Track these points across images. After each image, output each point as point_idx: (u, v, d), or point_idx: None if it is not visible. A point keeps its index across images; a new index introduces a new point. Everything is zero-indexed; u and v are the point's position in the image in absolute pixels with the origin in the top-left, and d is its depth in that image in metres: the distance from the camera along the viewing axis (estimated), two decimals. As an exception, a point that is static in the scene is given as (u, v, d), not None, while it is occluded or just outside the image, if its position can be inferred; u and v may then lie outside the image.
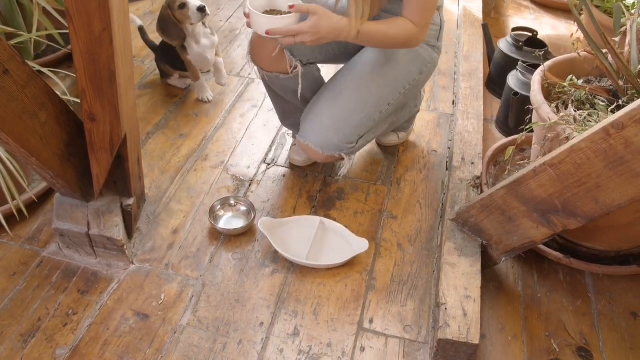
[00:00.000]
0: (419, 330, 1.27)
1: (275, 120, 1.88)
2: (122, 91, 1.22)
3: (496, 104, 2.01)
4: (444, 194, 1.62)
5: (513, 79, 1.80)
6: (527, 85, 1.76)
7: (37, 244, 1.44)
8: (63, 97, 1.31)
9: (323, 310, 1.31)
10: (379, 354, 1.22)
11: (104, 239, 1.35)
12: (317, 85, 1.56)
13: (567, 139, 1.20)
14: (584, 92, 1.36)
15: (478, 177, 1.54)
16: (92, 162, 1.29)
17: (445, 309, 1.20)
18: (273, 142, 1.81)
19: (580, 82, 1.38)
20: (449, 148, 1.81)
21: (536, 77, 1.38)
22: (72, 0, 1.03)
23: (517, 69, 1.81)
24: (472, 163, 1.58)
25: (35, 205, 1.51)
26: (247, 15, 1.27)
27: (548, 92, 1.41)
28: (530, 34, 2.01)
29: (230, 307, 1.30)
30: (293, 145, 1.76)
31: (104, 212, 1.38)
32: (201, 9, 1.74)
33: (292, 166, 1.71)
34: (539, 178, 1.17)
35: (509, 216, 1.26)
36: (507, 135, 1.86)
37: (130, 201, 1.41)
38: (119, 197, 1.42)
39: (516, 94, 1.73)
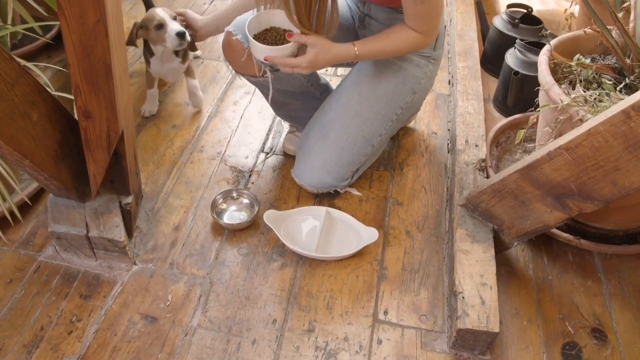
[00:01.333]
0: (434, 319, 1.26)
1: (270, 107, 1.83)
2: (118, 85, 1.15)
3: (492, 83, 1.99)
4: (448, 178, 1.60)
5: (512, 58, 1.78)
6: (527, 64, 1.73)
7: (32, 248, 1.37)
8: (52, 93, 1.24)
9: (336, 304, 1.28)
10: (397, 346, 1.21)
11: (105, 241, 1.29)
12: (300, 85, 1.51)
13: (581, 120, 1.18)
14: (591, 71, 1.34)
15: (483, 160, 1.52)
16: (88, 161, 1.23)
17: (463, 297, 1.19)
18: (270, 130, 1.75)
19: (587, 60, 1.35)
20: (448, 130, 1.79)
21: (543, 57, 1.35)
22: (63, -10, 0.95)
23: (516, 47, 1.78)
24: (476, 145, 1.56)
25: (26, 207, 1.44)
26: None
27: (554, 72, 1.38)
28: (525, 11, 1.98)
29: (241, 305, 1.27)
30: (289, 132, 1.71)
31: (102, 212, 1.31)
32: (180, 35, 1.51)
33: (288, 155, 1.67)
34: (554, 162, 1.15)
35: (521, 200, 1.25)
36: (505, 114, 1.84)
37: (129, 199, 1.35)
38: (117, 195, 1.35)
39: (516, 73, 1.70)
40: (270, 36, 1.29)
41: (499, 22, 1.96)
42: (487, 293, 1.19)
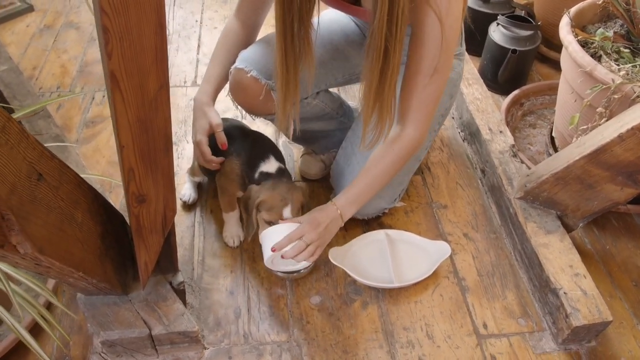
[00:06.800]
0: (531, 318, 1.24)
1: (269, 127, 1.66)
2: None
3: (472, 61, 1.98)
4: (476, 168, 1.58)
5: (498, 34, 1.77)
6: (515, 39, 1.74)
7: (72, 363, 1.12)
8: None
9: (435, 331, 1.21)
10: (511, 358, 1.17)
11: (173, 335, 1.09)
12: (320, 109, 1.39)
13: (639, 97, 1.20)
14: (611, 43, 1.37)
15: (513, 146, 1.51)
16: (138, 250, 1.01)
17: (565, 293, 1.18)
18: (279, 155, 1.59)
19: (611, 33, 1.38)
20: (452, 117, 1.76)
21: (569, 37, 1.35)
22: (119, 60, 0.74)
23: (499, 23, 1.78)
24: (501, 132, 1.55)
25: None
26: None
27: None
28: (487, -17, 1.98)
29: (343, 362, 1.15)
30: (304, 154, 1.56)
31: (155, 301, 1.10)
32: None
33: (304, 179, 1.53)
34: (626, 143, 1.15)
35: (588, 184, 1.25)
36: (497, 91, 1.85)
37: (180, 277, 1.15)
38: (163, 276, 1.14)
39: (515, 51, 1.70)
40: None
41: (466, -2, 1.95)
42: (584, 283, 1.20)
